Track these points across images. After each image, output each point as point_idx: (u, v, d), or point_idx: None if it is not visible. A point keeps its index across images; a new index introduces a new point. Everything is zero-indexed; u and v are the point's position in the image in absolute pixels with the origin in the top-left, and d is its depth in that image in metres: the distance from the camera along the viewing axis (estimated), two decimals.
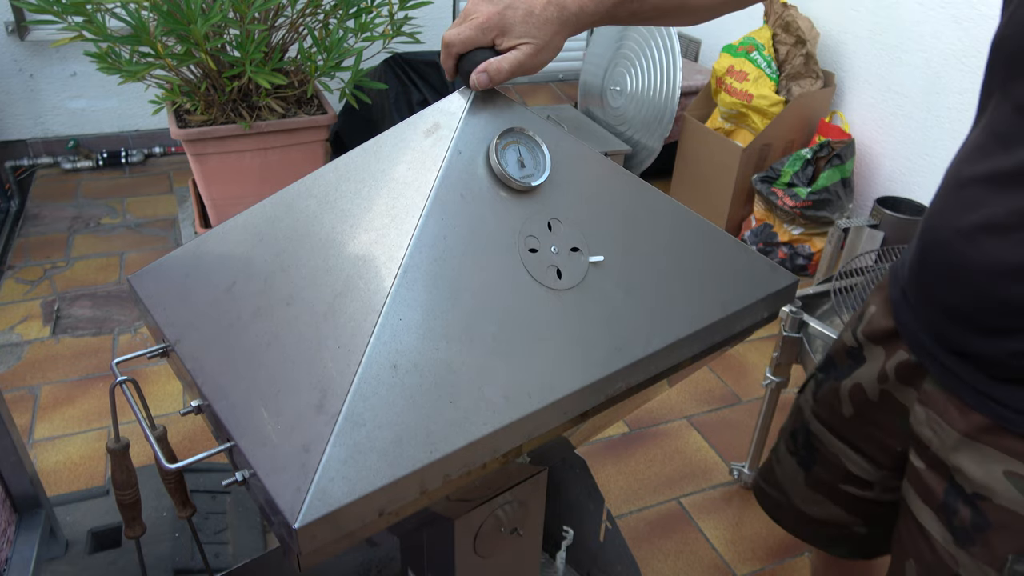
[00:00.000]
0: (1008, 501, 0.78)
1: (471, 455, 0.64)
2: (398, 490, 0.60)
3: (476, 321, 0.67)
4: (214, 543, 1.66)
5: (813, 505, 1.09)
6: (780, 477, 1.15)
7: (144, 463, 1.79)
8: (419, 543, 1.10)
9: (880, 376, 0.95)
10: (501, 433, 0.66)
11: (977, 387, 0.81)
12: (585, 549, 1.42)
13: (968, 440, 0.81)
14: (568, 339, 0.71)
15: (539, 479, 1.06)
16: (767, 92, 2.87)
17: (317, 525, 0.55)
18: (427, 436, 0.61)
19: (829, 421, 1.04)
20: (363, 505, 0.57)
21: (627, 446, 2.13)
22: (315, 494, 0.55)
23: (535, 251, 0.72)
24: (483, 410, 0.64)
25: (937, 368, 0.85)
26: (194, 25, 2.12)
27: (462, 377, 0.64)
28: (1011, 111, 0.74)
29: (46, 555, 1.54)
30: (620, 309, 0.76)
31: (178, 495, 1.06)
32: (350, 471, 0.57)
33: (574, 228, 0.76)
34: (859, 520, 1.07)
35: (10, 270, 2.73)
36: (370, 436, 0.58)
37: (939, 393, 0.86)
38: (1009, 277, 0.74)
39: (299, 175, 0.85)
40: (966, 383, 0.82)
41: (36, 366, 2.27)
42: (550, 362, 0.70)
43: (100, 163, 3.45)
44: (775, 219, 2.88)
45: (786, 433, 1.14)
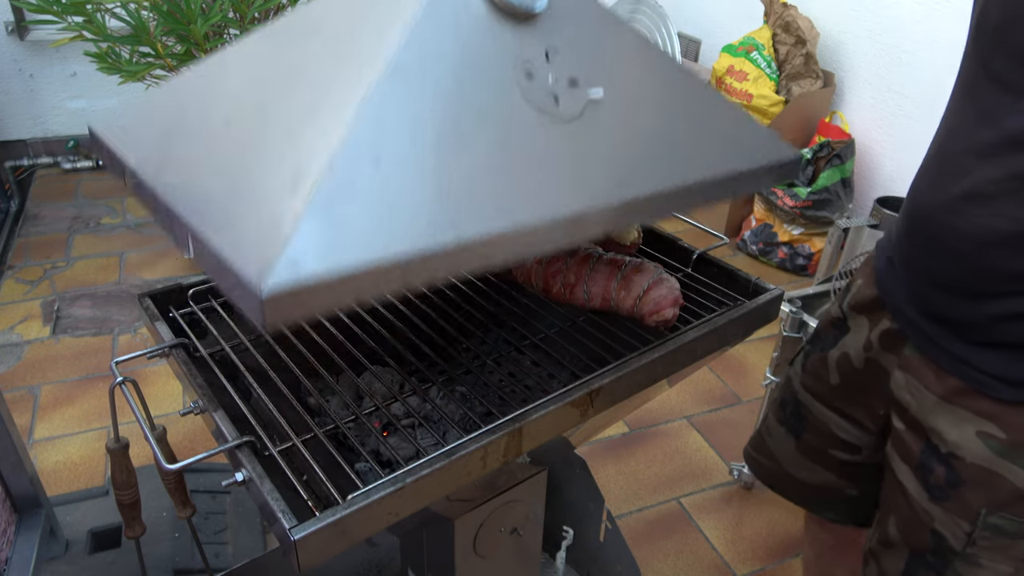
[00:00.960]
0: (980, 459, 0.83)
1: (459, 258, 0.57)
2: (376, 277, 0.52)
3: (469, 134, 0.61)
4: (214, 543, 1.66)
5: (804, 471, 1.14)
6: (771, 446, 1.18)
7: (144, 463, 1.79)
8: (419, 543, 1.10)
9: (865, 345, 0.99)
10: (493, 242, 0.59)
11: (953, 352, 0.85)
12: (585, 549, 1.42)
13: (944, 403, 0.86)
14: (567, 166, 0.66)
15: (539, 479, 1.06)
16: (767, 92, 2.87)
17: (286, 298, 0.47)
18: (411, 227, 0.54)
19: (817, 390, 1.08)
20: (338, 286, 0.50)
21: (627, 446, 2.13)
22: (284, 263, 0.47)
23: (531, 76, 0.66)
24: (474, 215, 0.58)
25: (917, 334, 0.90)
26: (194, 25, 2.12)
27: (453, 182, 0.58)
28: (992, 84, 0.77)
29: (46, 555, 1.54)
30: (620, 147, 0.71)
31: (178, 495, 1.06)
32: (324, 247, 0.50)
33: (574, 61, 0.70)
34: (850, 483, 1.11)
35: (10, 270, 2.73)
36: (348, 216, 0.51)
37: (918, 359, 0.90)
38: (991, 244, 0.79)
39: None
40: (943, 348, 0.87)
41: (36, 366, 2.27)
42: (548, 183, 0.64)
43: (100, 163, 3.45)
44: (775, 219, 2.88)
45: (775, 404, 1.18)
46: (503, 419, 0.77)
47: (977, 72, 0.80)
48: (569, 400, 0.81)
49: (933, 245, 0.85)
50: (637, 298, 0.96)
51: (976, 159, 0.79)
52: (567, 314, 1.03)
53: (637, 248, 1.13)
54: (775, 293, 1.02)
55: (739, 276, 1.06)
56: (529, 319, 1.02)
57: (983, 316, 0.82)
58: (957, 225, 0.81)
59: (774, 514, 1.93)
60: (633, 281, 0.96)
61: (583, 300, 1.00)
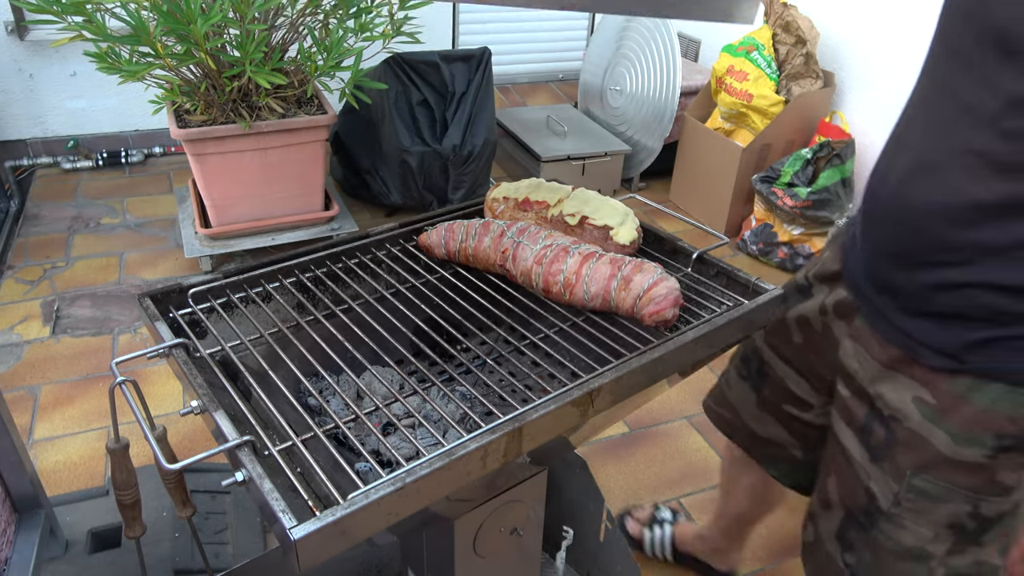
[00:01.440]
0: (914, 423, 0.90)
1: None
2: None
3: None
4: (214, 543, 1.66)
5: (759, 424, 1.24)
6: (732, 399, 1.29)
7: (144, 463, 1.79)
8: (419, 543, 1.10)
9: (821, 309, 1.07)
10: None
11: (894, 322, 0.92)
12: (585, 549, 1.42)
13: (887, 370, 0.93)
14: None
15: (539, 479, 1.06)
16: (767, 92, 2.87)
17: None
18: None
19: (778, 348, 1.17)
20: None
21: (627, 446, 2.13)
22: None
23: None
24: None
25: (866, 305, 0.96)
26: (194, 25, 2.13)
27: None
28: (949, 58, 0.82)
29: (46, 555, 1.54)
30: None
31: (178, 495, 1.06)
32: None
33: None
34: (797, 443, 1.19)
35: (10, 270, 2.73)
36: None
37: (866, 329, 0.97)
38: (929, 213, 0.84)
39: (299, 175, 0.86)
40: (886, 318, 0.93)
41: (36, 366, 2.27)
42: None
43: (100, 163, 3.45)
44: (775, 219, 2.88)
45: (737, 359, 1.29)
46: (503, 419, 0.77)
47: (935, 50, 0.85)
48: (569, 400, 0.81)
49: (883, 216, 0.91)
50: (637, 298, 0.96)
51: (929, 131, 0.85)
52: (567, 314, 1.03)
53: (637, 248, 1.13)
54: (775, 293, 1.02)
55: (739, 276, 1.07)
56: (529, 319, 1.02)
57: (919, 286, 0.88)
58: (905, 195, 0.87)
59: (774, 514, 1.93)
60: (633, 281, 0.96)
61: (583, 300, 1.00)
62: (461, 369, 1.01)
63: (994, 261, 0.82)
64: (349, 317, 1.00)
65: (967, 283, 0.84)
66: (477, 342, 1.08)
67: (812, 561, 1.12)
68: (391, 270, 1.14)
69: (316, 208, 2.80)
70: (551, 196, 1.15)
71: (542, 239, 1.05)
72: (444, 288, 1.08)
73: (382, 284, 1.10)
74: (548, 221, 1.13)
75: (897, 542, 0.94)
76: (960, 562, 0.94)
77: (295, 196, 2.72)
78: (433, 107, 2.99)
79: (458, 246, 1.11)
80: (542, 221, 1.14)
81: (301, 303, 1.05)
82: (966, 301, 0.84)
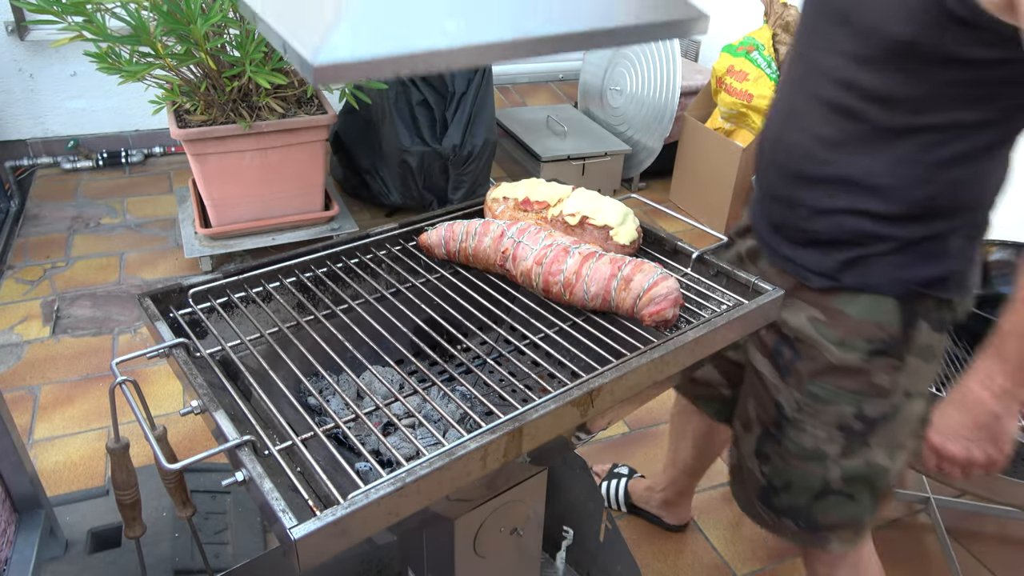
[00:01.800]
0: (809, 338, 1.06)
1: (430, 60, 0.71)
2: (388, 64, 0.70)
3: None
4: (214, 543, 1.66)
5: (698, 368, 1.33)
6: None
7: (144, 463, 1.79)
8: (419, 543, 1.10)
9: (738, 257, 1.24)
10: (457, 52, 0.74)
11: (786, 255, 1.09)
12: (585, 549, 1.42)
13: (787, 299, 1.06)
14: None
15: (539, 479, 1.06)
16: (767, 92, 2.86)
17: (327, 70, 0.64)
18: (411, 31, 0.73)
19: None
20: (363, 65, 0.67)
21: (627, 446, 2.13)
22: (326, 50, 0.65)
23: None
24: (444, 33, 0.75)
25: (765, 245, 1.14)
26: (194, 25, 2.13)
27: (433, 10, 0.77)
28: (805, 32, 1.02)
29: (46, 555, 1.54)
30: None
31: (178, 495, 1.06)
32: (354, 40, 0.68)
33: None
34: (725, 382, 1.33)
35: (10, 270, 2.73)
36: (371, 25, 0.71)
37: (769, 267, 1.14)
38: (799, 155, 1.01)
39: (299, 175, 0.87)
40: (780, 253, 1.10)
41: (36, 366, 2.27)
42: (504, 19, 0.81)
43: (100, 163, 3.45)
44: None
45: None
46: (503, 419, 0.77)
47: (798, 28, 1.04)
48: (569, 400, 0.81)
49: (767, 165, 1.09)
50: (637, 298, 0.96)
51: (789, 89, 1.05)
52: (567, 314, 1.03)
53: (637, 248, 1.13)
54: (775, 294, 1.02)
55: (739, 276, 1.07)
56: (529, 319, 1.02)
57: (799, 219, 1.05)
58: (778, 143, 1.06)
59: None
60: (633, 281, 0.96)
61: (583, 300, 1.00)
62: (461, 369, 1.01)
63: (851, 190, 0.98)
64: (349, 317, 1.00)
65: (834, 210, 1.00)
66: (477, 342, 1.08)
67: (737, 482, 1.27)
68: (391, 270, 1.14)
69: (316, 208, 2.80)
70: (551, 196, 1.15)
71: (542, 239, 1.05)
72: (444, 288, 1.08)
73: (382, 284, 1.10)
74: (548, 221, 1.13)
75: (799, 445, 1.08)
76: (852, 463, 1.09)
77: (295, 196, 2.72)
78: (433, 107, 2.99)
79: (458, 246, 1.11)
80: (542, 221, 1.14)
81: (301, 303, 1.05)
82: (836, 227, 1.01)
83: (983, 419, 0.93)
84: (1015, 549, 1.88)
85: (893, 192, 0.96)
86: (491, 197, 1.20)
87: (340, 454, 0.75)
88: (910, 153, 0.93)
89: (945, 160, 0.93)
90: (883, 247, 0.99)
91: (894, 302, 1.01)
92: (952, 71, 0.87)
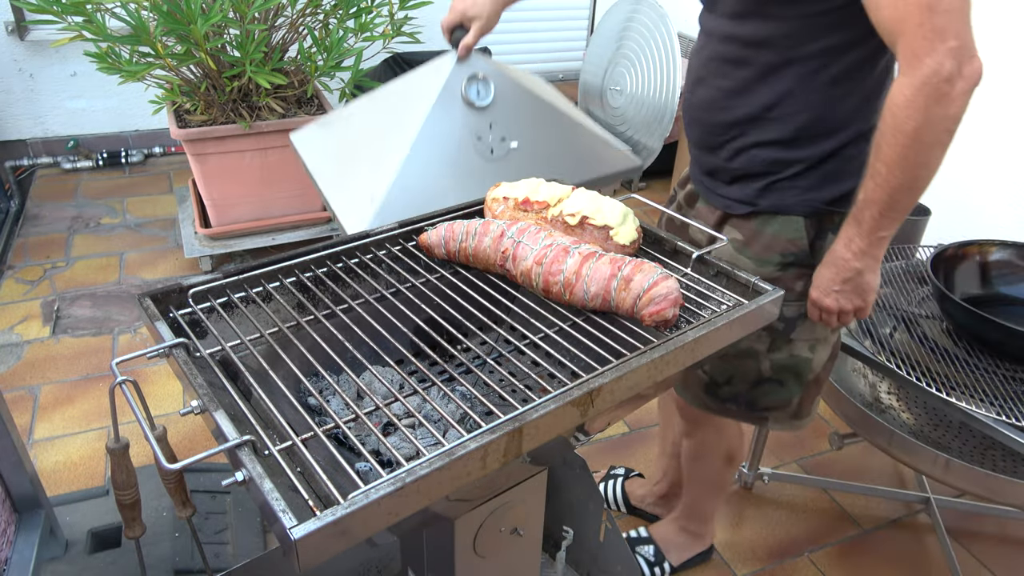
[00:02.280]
0: (731, 259, 1.22)
1: None
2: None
3: (452, 164, 1.34)
4: (214, 543, 1.66)
5: None
6: None
7: (144, 463, 1.79)
8: (419, 543, 1.10)
9: (677, 205, 1.44)
10: None
11: (717, 192, 1.27)
12: (585, 549, 1.42)
13: (715, 229, 1.26)
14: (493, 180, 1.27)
15: (539, 479, 1.06)
16: None
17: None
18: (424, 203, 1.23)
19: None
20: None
21: (627, 446, 2.13)
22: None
23: (480, 139, 1.36)
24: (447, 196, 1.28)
25: (702, 188, 1.32)
26: (194, 25, 2.13)
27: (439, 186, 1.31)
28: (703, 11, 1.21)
29: (46, 555, 1.54)
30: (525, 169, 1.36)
31: (178, 495, 1.06)
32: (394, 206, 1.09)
33: (503, 127, 1.38)
34: None
35: (10, 270, 2.73)
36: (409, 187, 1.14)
37: (703, 206, 1.32)
38: (709, 108, 1.21)
39: (299, 175, 0.89)
40: (712, 191, 1.29)
41: (36, 366, 2.27)
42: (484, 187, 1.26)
43: (100, 163, 3.45)
44: None
45: None
46: (503, 419, 0.77)
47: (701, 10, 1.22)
48: (569, 400, 0.81)
49: (690, 121, 1.29)
50: (637, 298, 0.96)
51: (695, 57, 1.25)
52: (567, 314, 1.03)
53: (637, 248, 1.13)
54: (775, 294, 1.02)
55: (739, 277, 1.07)
56: (529, 319, 1.02)
57: (721, 160, 1.23)
58: (693, 101, 1.25)
59: (774, 514, 1.93)
60: (633, 281, 0.96)
61: (583, 300, 1.00)
62: (461, 369, 1.01)
63: (755, 126, 1.16)
64: (349, 317, 1.00)
65: (747, 147, 1.18)
66: (477, 342, 1.08)
67: (683, 384, 1.42)
68: (391, 270, 1.14)
69: (316, 208, 2.80)
70: (551, 196, 1.15)
71: (542, 239, 1.05)
72: (444, 288, 1.08)
73: (382, 284, 1.10)
74: (548, 221, 1.13)
75: (735, 346, 1.12)
76: (779, 356, 1.29)
77: (295, 196, 2.72)
78: None
79: (458, 246, 1.11)
80: (542, 221, 1.14)
81: (301, 303, 1.05)
82: (751, 161, 1.19)
83: (848, 275, 1.11)
84: (1015, 549, 1.88)
85: (786, 120, 1.13)
86: (491, 197, 1.20)
87: (340, 454, 0.75)
88: (793, 83, 1.10)
89: (825, 83, 1.09)
90: (791, 171, 1.17)
91: (804, 220, 1.19)
92: (807, 6, 1.04)
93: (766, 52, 1.11)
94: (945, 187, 2.54)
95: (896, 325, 1.60)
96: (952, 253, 1.62)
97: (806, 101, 1.11)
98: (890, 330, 1.59)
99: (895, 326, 1.60)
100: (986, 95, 2.42)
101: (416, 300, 1.05)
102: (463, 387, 0.98)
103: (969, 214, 2.50)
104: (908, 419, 1.65)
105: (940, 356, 1.48)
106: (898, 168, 0.97)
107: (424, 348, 0.96)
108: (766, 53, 1.11)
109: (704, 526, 1.73)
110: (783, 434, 2.19)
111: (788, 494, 1.99)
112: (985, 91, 2.76)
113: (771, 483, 2.01)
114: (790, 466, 2.09)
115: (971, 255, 1.64)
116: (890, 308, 1.64)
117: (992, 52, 2.38)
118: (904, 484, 2.05)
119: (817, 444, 2.17)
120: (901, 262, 1.79)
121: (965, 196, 2.49)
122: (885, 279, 1.72)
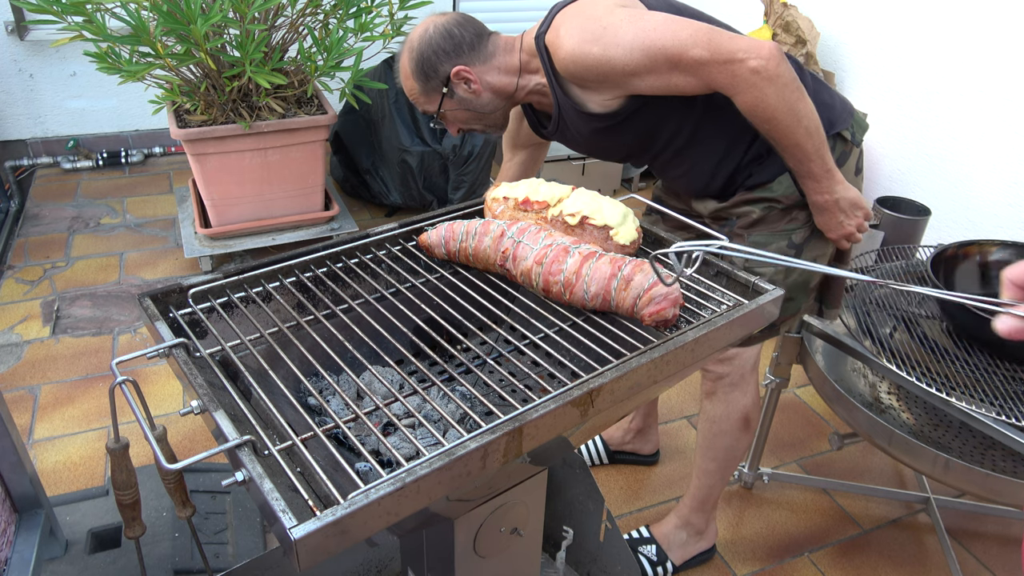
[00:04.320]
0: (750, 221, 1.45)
1: None
2: None
3: None
4: (214, 543, 1.66)
5: None
6: None
7: (144, 463, 1.79)
8: (419, 543, 1.10)
9: (655, 196, 1.68)
10: None
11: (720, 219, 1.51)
12: (585, 549, 1.42)
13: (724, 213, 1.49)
14: None
15: (539, 479, 1.06)
16: None
17: None
18: None
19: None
20: None
21: None
22: None
23: None
24: None
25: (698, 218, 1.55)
26: (194, 25, 2.13)
27: None
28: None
29: (46, 555, 1.54)
30: None
31: (178, 495, 1.06)
32: None
33: None
34: None
35: (10, 270, 2.73)
36: None
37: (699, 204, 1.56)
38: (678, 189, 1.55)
39: (299, 175, 0.88)
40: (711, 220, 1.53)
41: (36, 366, 2.27)
42: None
43: (100, 163, 3.45)
44: None
45: None
46: (503, 419, 0.77)
47: None
48: (569, 400, 0.81)
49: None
50: (637, 298, 0.96)
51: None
52: (567, 314, 1.03)
53: (637, 248, 1.13)
54: (775, 294, 1.02)
55: (739, 276, 1.07)
56: (529, 319, 1.02)
57: (712, 199, 1.49)
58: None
59: (774, 514, 1.93)
60: (633, 281, 0.96)
61: (583, 300, 1.00)
62: (461, 369, 1.01)
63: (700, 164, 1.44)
64: (349, 317, 1.00)
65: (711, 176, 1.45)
66: (477, 342, 1.08)
67: None
68: (391, 270, 1.14)
69: (316, 208, 2.80)
70: (551, 196, 1.15)
71: (542, 239, 1.05)
72: (444, 288, 1.08)
73: (382, 284, 1.10)
74: (548, 221, 1.13)
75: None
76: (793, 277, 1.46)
77: (295, 196, 2.72)
78: None
79: (458, 246, 1.11)
80: (542, 221, 1.14)
81: (301, 303, 1.05)
82: (719, 179, 1.45)
83: (837, 206, 1.36)
84: (1015, 549, 1.88)
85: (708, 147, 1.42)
86: (491, 197, 1.20)
87: (340, 454, 0.75)
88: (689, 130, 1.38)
89: (705, 119, 1.37)
90: (746, 168, 1.43)
91: (787, 175, 1.41)
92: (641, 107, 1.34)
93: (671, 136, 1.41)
94: (945, 187, 2.54)
95: (896, 325, 1.60)
96: (952, 253, 1.62)
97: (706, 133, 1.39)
98: (890, 330, 1.59)
99: (895, 326, 1.60)
100: (986, 95, 2.43)
101: (416, 300, 1.05)
102: (463, 387, 0.98)
103: (969, 214, 2.50)
104: (908, 419, 1.65)
105: (940, 356, 1.48)
106: (798, 124, 1.25)
107: (424, 348, 0.96)
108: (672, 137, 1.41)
109: (707, 520, 1.73)
110: (783, 434, 2.19)
111: (788, 494, 2.00)
112: (985, 91, 2.76)
113: (771, 483, 2.01)
114: (790, 466, 2.09)
115: (971, 255, 1.64)
116: (890, 308, 1.64)
117: (992, 52, 2.38)
118: (904, 484, 2.05)
119: (817, 444, 2.17)
120: (901, 262, 1.79)
121: (965, 196, 2.49)
122: (886, 279, 1.72)
